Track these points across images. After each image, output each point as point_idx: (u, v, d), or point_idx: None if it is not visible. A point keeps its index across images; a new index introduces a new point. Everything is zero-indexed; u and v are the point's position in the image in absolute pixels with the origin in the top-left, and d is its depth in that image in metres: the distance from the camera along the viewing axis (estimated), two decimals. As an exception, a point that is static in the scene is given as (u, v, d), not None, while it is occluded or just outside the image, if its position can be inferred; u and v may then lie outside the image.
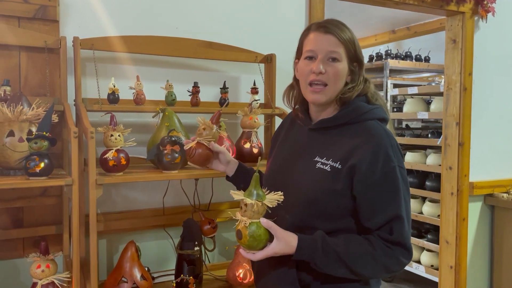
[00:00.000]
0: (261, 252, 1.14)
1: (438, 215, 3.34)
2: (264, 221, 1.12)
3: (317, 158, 1.22)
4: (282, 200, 1.14)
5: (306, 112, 1.34)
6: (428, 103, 3.80)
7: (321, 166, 1.20)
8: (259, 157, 1.33)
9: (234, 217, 1.17)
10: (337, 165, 1.18)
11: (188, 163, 1.43)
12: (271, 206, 1.13)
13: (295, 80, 1.35)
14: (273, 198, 1.13)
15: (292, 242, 1.14)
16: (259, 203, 1.11)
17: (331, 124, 1.25)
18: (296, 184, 1.23)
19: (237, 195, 1.15)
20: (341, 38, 1.21)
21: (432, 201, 3.59)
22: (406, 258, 1.17)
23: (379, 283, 1.30)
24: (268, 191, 1.17)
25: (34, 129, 1.53)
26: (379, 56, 4.49)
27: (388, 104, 4.08)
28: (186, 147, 1.39)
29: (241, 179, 1.46)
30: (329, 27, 1.23)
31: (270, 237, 1.14)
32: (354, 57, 1.25)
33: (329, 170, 1.19)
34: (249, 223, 1.11)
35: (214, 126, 1.41)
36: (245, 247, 1.14)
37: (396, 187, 1.16)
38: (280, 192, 1.15)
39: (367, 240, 1.17)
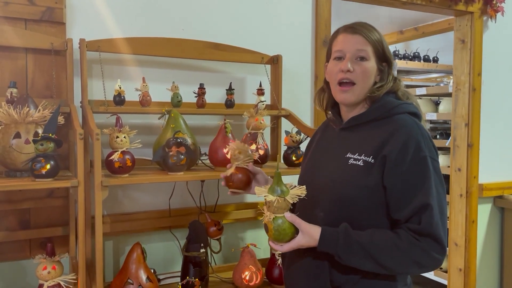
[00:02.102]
0: (288, 244, 1.17)
1: (447, 217, 3.30)
2: (288, 216, 1.15)
3: (349, 155, 1.22)
4: (304, 194, 1.16)
5: (337, 114, 1.35)
6: (437, 104, 3.77)
7: (354, 162, 1.20)
8: (279, 155, 1.33)
9: (262, 211, 1.22)
10: (370, 159, 1.18)
11: (229, 191, 1.42)
12: (292, 201, 1.16)
13: (326, 83, 1.36)
14: (295, 193, 1.16)
15: (315, 235, 1.16)
16: (281, 199, 1.15)
17: (361, 121, 1.26)
18: (329, 183, 1.23)
19: (261, 191, 1.19)
20: (369, 38, 1.23)
21: (441, 203, 3.55)
22: (438, 252, 1.11)
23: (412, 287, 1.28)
24: (294, 186, 1.19)
25: (40, 131, 1.53)
26: (387, 57, 4.45)
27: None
28: (225, 174, 1.39)
29: None
30: (357, 27, 1.24)
31: (297, 230, 1.17)
32: (383, 57, 1.26)
33: (362, 165, 1.18)
34: (273, 217, 1.16)
35: (248, 147, 1.41)
36: (273, 240, 1.19)
37: (426, 177, 1.13)
38: (303, 186, 1.17)
39: (394, 233, 1.14)
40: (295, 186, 1.19)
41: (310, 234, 1.15)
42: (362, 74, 1.22)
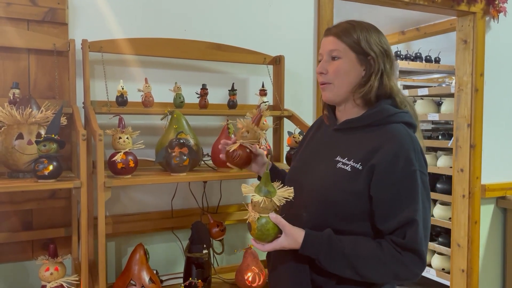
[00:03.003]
0: (270, 244, 1.16)
1: (450, 218, 3.30)
2: (273, 217, 1.14)
3: (338, 158, 1.22)
4: (291, 196, 1.15)
5: (333, 113, 1.34)
6: (439, 104, 3.76)
7: (342, 166, 1.20)
8: (269, 155, 1.31)
9: (246, 208, 1.20)
10: (358, 166, 1.17)
11: (228, 164, 1.40)
12: (278, 204, 1.15)
13: None
14: (282, 195, 1.15)
15: (298, 238, 1.15)
16: (267, 200, 1.14)
17: (355, 125, 1.25)
18: (315, 183, 1.23)
19: (247, 189, 1.17)
20: (341, 37, 1.23)
21: (443, 203, 3.55)
22: (417, 267, 1.13)
23: None
24: (282, 185, 1.18)
25: (43, 132, 1.53)
26: (388, 57, 4.44)
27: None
28: (229, 148, 1.37)
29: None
30: (331, 29, 1.27)
31: (280, 231, 1.16)
32: (363, 50, 1.23)
33: (349, 170, 1.18)
34: (258, 217, 1.14)
35: (257, 128, 1.39)
36: (255, 238, 1.18)
37: (414, 191, 1.13)
38: (291, 188, 1.16)
39: (377, 244, 1.15)
40: (282, 186, 1.18)
41: (293, 236, 1.15)
42: (333, 73, 1.23)
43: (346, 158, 1.20)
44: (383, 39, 1.26)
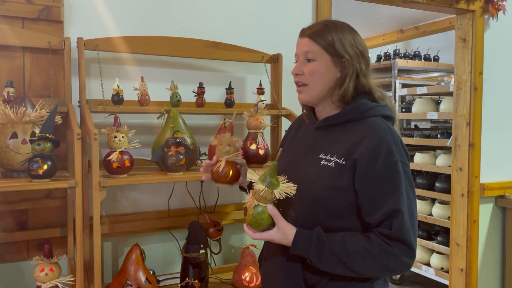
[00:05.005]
0: (260, 234, 1.18)
1: (448, 217, 3.29)
2: (270, 208, 1.16)
3: (321, 155, 1.23)
4: (293, 193, 1.15)
5: (312, 112, 1.34)
6: (438, 103, 3.75)
7: (326, 163, 1.21)
8: (280, 148, 1.31)
9: (247, 194, 1.21)
10: (341, 161, 1.18)
11: (217, 184, 1.37)
12: (278, 197, 1.15)
13: None
14: (284, 189, 1.15)
15: (289, 235, 1.16)
16: (268, 190, 1.14)
17: (335, 122, 1.26)
18: (301, 182, 1.23)
19: (252, 175, 1.18)
20: (315, 39, 1.23)
21: (442, 202, 3.54)
22: (407, 256, 1.13)
23: (386, 285, 1.27)
24: (287, 180, 1.18)
25: (37, 131, 1.51)
26: (387, 56, 4.44)
27: (397, 105, 4.03)
28: (218, 168, 1.32)
29: None
30: (305, 30, 1.27)
31: (273, 223, 1.17)
32: (337, 52, 1.22)
33: (333, 166, 1.19)
34: (255, 205, 1.16)
35: (237, 139, 1.37)
36: (247, 224, 1.19)
37: (396, 181, 1.14)
38: (295, 185, 1.16)
39: (366, 237, 1.15)
40: (287, 182, 1.18)
41: (284, 232, 1.16)
42: (309, 74, 1.23)
43: (329, 155, 1.21)
44: (358, 39, 1.26)
